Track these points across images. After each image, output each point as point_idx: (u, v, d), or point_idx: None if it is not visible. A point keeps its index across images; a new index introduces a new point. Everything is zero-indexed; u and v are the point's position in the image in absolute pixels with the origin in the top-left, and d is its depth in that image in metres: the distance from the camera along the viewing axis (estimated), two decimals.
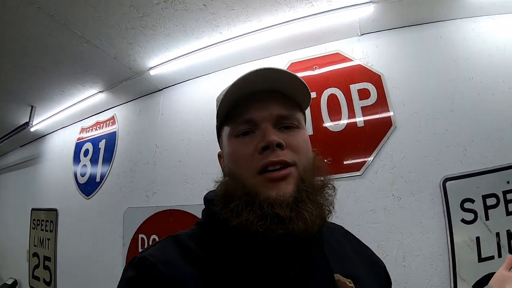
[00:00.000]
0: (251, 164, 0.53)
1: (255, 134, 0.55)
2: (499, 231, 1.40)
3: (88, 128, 2.79)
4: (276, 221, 0.47)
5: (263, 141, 0.52)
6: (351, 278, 0.52)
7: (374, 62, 1.80)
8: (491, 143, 1.53)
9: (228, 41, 1.81)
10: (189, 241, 0.54)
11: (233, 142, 0.57)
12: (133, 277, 0.48)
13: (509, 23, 1.70)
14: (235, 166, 0.56)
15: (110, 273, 2.21)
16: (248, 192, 0.51)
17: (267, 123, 0.54)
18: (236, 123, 0.57)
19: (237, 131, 0.56)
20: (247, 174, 0.53)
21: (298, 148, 0.55)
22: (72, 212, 2.65)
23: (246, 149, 0.54)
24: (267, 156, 0.51)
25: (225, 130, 0.60)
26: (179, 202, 2.04)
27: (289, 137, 0.54)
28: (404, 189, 1.59)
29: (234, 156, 0.57)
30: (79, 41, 1.81)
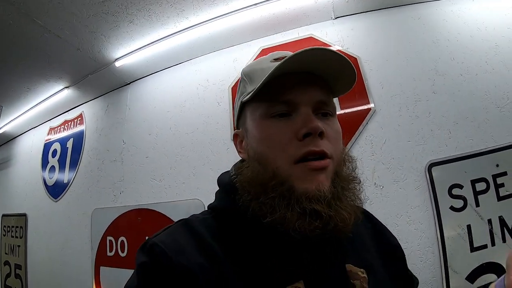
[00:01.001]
0: (289, 151, 0.48)
1: (292, 117, 0.50)
2: (491, 218, 1.31)
3: (57, 127, 2.68)
4: (315, 219, 0.45)
5: (306, 127, 0.47)
6: (365, 268, 0.51)
7: (349, 45, 1.72)
8: (477, 124, 1.46)
9: (195, 27, 1.71)
10: (202, 228, 0.51)
11: (266, 124, 0.51)
12: (145, 262, 0.46)
13: (489, 4, 1.66)
14: (267, 150, 0.50)
15: (80, 278, 2.06)
16: (281, 182, 0.47)
17: (307, 107, 0.50)
18: (273, 102, 0.51)
19: (272, 111, 0.51)
20: (281, 162, 0.48)
21: (334, 139, 0.51)
22: (41, 217, 2.51)
23: (283, 133, 0.49)
24: (307, 144, 0.47)
25: (255, 108, 0.54)
26: (147, 201, 1.91)
27: (327, 126, 0.50)
28: (387, 177, 1.48)
29: (267, 140, 0.51)
30: (40, 31, 1.70)
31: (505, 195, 1.32)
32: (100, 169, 2.20)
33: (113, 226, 1.99)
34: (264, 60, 0.58)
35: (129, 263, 1.85)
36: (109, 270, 1.92)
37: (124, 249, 1.90)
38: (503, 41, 1.56)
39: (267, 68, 0.51)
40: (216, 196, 0.59)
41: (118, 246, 1.93)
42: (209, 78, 1.96)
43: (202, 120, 1.90)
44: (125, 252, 1.89)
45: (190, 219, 0.54)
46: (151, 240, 0.48)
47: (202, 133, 1.88)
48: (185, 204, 1.79)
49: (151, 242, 0.48)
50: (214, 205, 0.58)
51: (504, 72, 1.51)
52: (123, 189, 2.04)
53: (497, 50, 1.55)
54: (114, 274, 1.89)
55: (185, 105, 1.99)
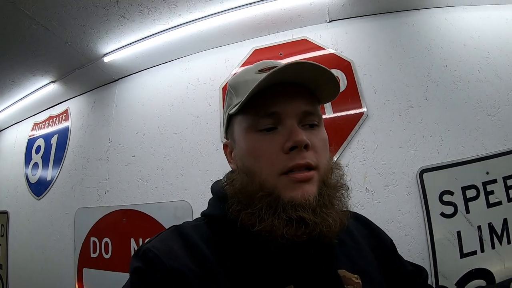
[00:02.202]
0: (275, 164, 0.49)
1: (278, 130, 0.51)
2: (481, 225, 1.32)
3: (41, 123, 2.59)
4: (301, 226, 0.46)
5: (291, 141, 0.48)
6: (360, 274, 0.51)
7: (343, 49, 1.71)
8: (468, 132, 1.47)
9: (187, 24, 1.68)
10: (194, 234, 0.52)
11: (253, 137, 0.53)
12: (139, 267, 0.47)
13: (482, 14, 1.69)
14: (254, 163, 0.51)
15: (62, 280, 1.99)
16: (268, 193, 0.48)
17: (292, 120, 0.51)
18: (259, 115, 0.52)
19: (259, 125, 0.52)
20: (268, 174, 0.49)
21: (320, 149, 0.52)
22: (23, 215, 2.42)
23: (270, 147, 0.50)
24: (293, 157, 0.48)
25: (241, 120, 0.55)
26: (133, 201, 1.85)
27: (312, 137, 0.51)
28: (378, 182, 1.47)
29: (254, 153, 0.52)
30: (28, 22, 1.63)
31: (495, 202, 1.33)
32: (85, 167, 2.12)
33: (97, 226, 1.92)
34: (249, 71, 0.58)
35: (113, 265, 1.79)
36: (92, 272, 1.85)
37: (108, 250, 1.83)
38: (495, 51, 1.58)
39: (251, 81, 0.52)
40: (208, 204, 0.61)
41: (102, 247, 1.86)
42: (199, 77, 1.92)
43: (191, 120, 1.86)
44: (109, 254, 1.82)
45: (182, 225, 0.55)
46: (145, 246, 0.49)
47: (191, 133, 1.83)
48: (172, 205, 1.74)
49: (144, 248, 0.49)
50: (207, 213, 0.59)
51: (495, 81, 1.52)
52: (108, 189, 1.97)
53: (489, 59, 1.57)
54: (98, 276, 1.82)
55: (174, 104, 1.94)
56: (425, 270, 0.68)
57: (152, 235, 0.55)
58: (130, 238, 1.77)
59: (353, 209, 0.75)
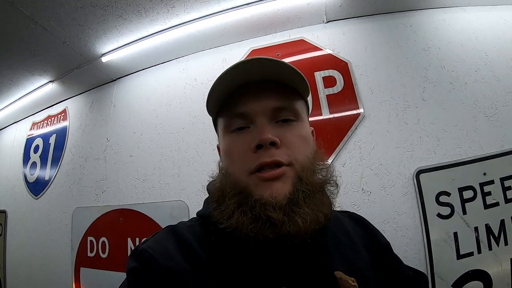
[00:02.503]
0: (245, 163, 0.50)
1: (250, 129, 0.51)
2: (478, 226, 1.31)
3: (40, 122, 2.59)
4: (268, 225, 0.45)
5: (256, 139, 0.49)
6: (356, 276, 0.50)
7: (340, 49, 1.71)
8: (466, 133, 1.46)
9: (185, 24, 1.68)
10: (188, 234, 0.53)
11: (227, 138, 0.54)
12: (135, 267, 0.47)
13: (480, 15, 1.68)
14: (229, 163, 0.53)
15: (60, 279, 1.98)
16: (240, 192, 0.49)
17: (262, 117, 0.51)
18: (229, 116, 0.54)
19: (231, 126, 0.53)
20: (240, 173, 0.50)
21: (295, 145, 0.51)
22: (21, 214, 2.41)
23: (240, 146, 0.51)
24: (260, 155, 0.48)
25: (220, 123, 0.58)
26: (130, 201, 1.85)
27: (285, 133, 0.51)
28: (375, 182, 1.47)
29: (228, 153, 0.54)
30: (26, 22, 1.63)
31: (492, 203, 1.33)
32: (83, 167, 2.12)
33: (94, 226, 1.92)
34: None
35: (110, 264, 1.79)
36: (89, 271, 1.85)
37: (105, 250, 1.83)
38: (493, 51, 1.58)
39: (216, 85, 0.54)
40: (203, 204, 0.61)
41: (99, 246, 1.86)
42: (197, 77, 1.92)
43: (188, 120, 1.86)
44: (106, 253, 1.82)
45: (177, 225, 0.56)
46: (140, 246, 0.50)
47: (188, 133, 1.83)
48: (169, 205, 1.74)
49: (140, 248, 0.50)
50: (201, 213, 0.59)
51: (493, 82, 1.52)
52: (105, 188, 1.97)
53: (487, 60, 1.57)
54: (95, 275, 1.82)
55: (171, 104, 1.94)
56: (425, 275, 0.67)
57: (149, 234, 0.56)
58: (127, 238, 1.77)
59: (349, 210, 0.75)
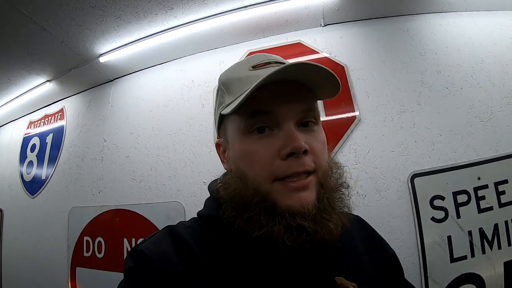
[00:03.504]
0: (271, 170, 0.46)
1: (275, 133, 0.48)
2: (471, 230, 1.33)
3: (37, 121, 2.59)
4: (302, 233, 0.44)
5: (289, 147, 0.45)
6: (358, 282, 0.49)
7: (337, 53, 1.72)
8: (460, 137, 1.47)
9: (183, 26, 1.68)
10: (186, 235, 0.51)
11: (247, 140, 0.49)
12: (132, 268, 0.47)
13: (477, 20, 1.69)
14: (248, 167, 0.49)
15: (55, 278, 1.97)
16: (263, 198, 0.46)
17: (290, 122, 0.47)
18: (253, 116, 0.48)
19: (253, 127, 0.49)
20: (262, 180, 0.47)
21: (319, 152, 0.49)
22: (17, 213, 2.41)
23: (266, 151, 0.47)
24: (291, 165, 0.45)
25: (235, 121, 0.51)
26: (126, 201, 1.85)
27: (311, 139, 0.48)
28: (369, 186, 1.48)
29: (248, 157, 0.49)
30: (25, 22, 1.63)
31: (486, 208, 1.34)
32: (79, 166, 2.12)
33: (90, 226, 1.93)
34: (241, 67, 0.55)
35: (106, 264, 1.79)
36: (85, 271, 1.85)
37: (101, 250, 1.83)
38: (489, 57, 1.59)
39: (245, 78, 0.50)
40: (204, 204, 0.59)
41: (95, 246, 1.86)
42: (194, 79, 1.93)
43: (185, 121, 1.86)
44: (102, 253, 1.82)
45: (176, 226, 0.55)
46: (138, 247, 0.49)
47: (185, 134, 1.83)
48: (165, 206, 1.74)
49: (137, 249, 0.49)
50: (202, 213, 0.57)
51: (489, 87, 1.53)
52: (102, 188, 1.97)
53: (483, 66, 1.57)
54: (91, 275, 1.82)
55: (168, 105, 1.94)
56: None
57: (145, 235, 0.55)
58: (123, 238, 1.77)
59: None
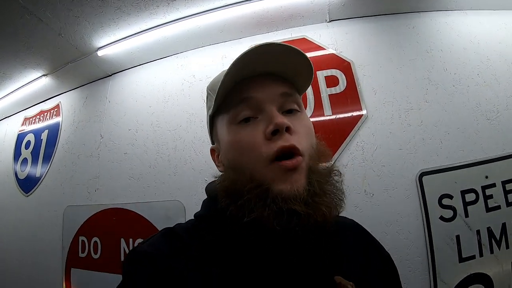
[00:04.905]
0: (261, 151, 0.48)
1: (258, 119, 0.50)
2: (480, 229, 1.31)
3: (32, 118, 2.52)
4: (293, 217, 0.44)
5: (272, 124, 0.47)
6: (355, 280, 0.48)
7: (343, 49, 1.69)
8: (468, 136, 1.46)
9: (185, 19, 1.64)
10: (184, 237, 0.52)
11: (234, 130, 0.52)
12: (130, 270, 0.47)
13: (482, 19, 1.69)
14: (240, 156, 0.50)
15: (49, 279, 1.91)
16: (258, 185, 0.46)
17: (271, 106, 0.50)
18: (236, 106, 0.51)
19: (238, 117, 0.51)
20: (256, 164, 0.48)
21: (303, 135, 0.51)
22: (10, 211, 2.33)
23: (253, 135, 0.49)
24: (277, 140, 0.47)
25: (222, 119, 0.55)
26: (124, 200, 1.79)
27: (294, 122, 0.50)
28: (377, 184, 1.45)
29: (238, 145, 0.51)
30: (21, 12, 1.57)
31: (494, 207, 1.33)
32: (75, 164, 2.05)
33: (86, 225, 1.86)
34: (222, 73, 0.57)
35: (102, 265, 1.73)
36: (80, 272, 1.79)
37: (97, 250, 1.77)
38: (494, 55, 1.58)
39: None
40: (202, 205, 0.60)
41: (91, 247, 1.80)
42: (195, 74, 1.88)
43: (186, 117, 1.81)
44: (98, 254, 1.76)
45: (174, 227, 0.55)
46: (135, 249, 0.50)
47: (185, 131, 1.79)
48: (164, 205, 1.69)
49: (135, 250, 0.49)
50: (199, 214, 0.58)
51: (495, 85, 1.52)
52: (98, 187, 1.91)
53: (489, 64, 1.57)
54: (86, 276, 1.76)
55: (168, 101, 1.90)
56: None
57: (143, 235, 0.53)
58: (120, 238, 1.71)
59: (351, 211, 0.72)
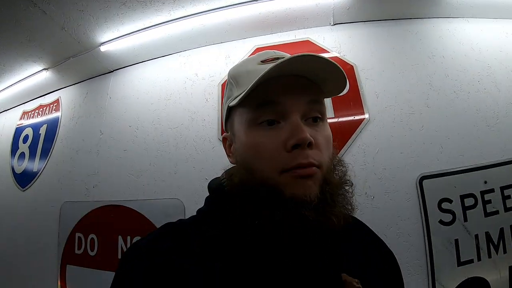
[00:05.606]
0: (277, 161, 0.47)
1: (281, 125, 0.48)
2: (478, 233, 1.33)
3: (31, 112, 2.50)
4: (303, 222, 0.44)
5: (294, 138, 0.46)
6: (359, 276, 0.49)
7: (346, 52, 1.70)
8: (468, 141, 1.47)
9: (190, 17, 1.64)
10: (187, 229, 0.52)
11: (254, 131, 0.50)
12: (124, 264, 0.47)
13: (484, 26, 1.72)
14: (255, 159, 0.49)
15: (44, 275, 1.89)
16: (270, 190, 0.46)
17: (296, 115, 0.48)
18: (260, 108, 0.49)
19: (260, 119, 0.49)
20: (269, 171, 0.47)
21: (323, 148, 0.50)
22: (6, 206, 2.30)
23: (272, 143, 0.48)
24: (296, 156, 0.46)
25: (242, 113, 0.52)
26: (122, 197, 1.77)
27: (316, 134, 0.49)
28: (378, 187, 1.46)
29: (255, 149, 0.49)
30: (25, 4, 1.55)
31: (492, 212, 1.34)
32: (74, 159, 2.03)
33: (83, 222, 1.84)
34: (250, 62, 0.57)
35: (99, 263, 1.71)
36: (76, 269, 1.77)
37: (94, 247, 1.75)
38: (495, 63, 1.61)
39: (253, 71, 0.51)
40: (205, 201, 0.59)
41: (87, 244, 1.78)
42: (198, 73, 1.88)
43: (188, 115, 1.81)
44: (95, 251, 1.74)
45: (176, 222, 0.54)
46: (135, 243, 0.49)
47: (187, 129, 1.78)
48: (164, 203, 1.68)
49: (134, 244, 0.49)
50: (203, 209, 0.58)
51: (495, 92, 1.54)
52: (96, 183, 1.89)
53: (489, 71, 1.59)
54: (82, 273, 1.74)
55: (170, 98, 1.89)
56: None
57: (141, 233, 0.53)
58: (118, 236, 1.69)
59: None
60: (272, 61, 0.52)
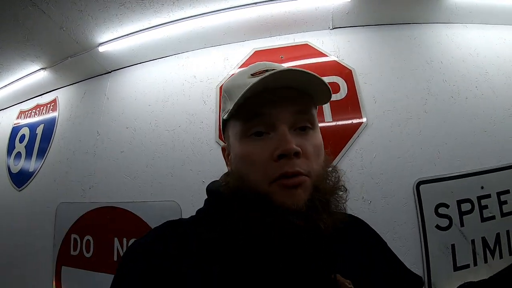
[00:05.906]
0: (265, 172, 0.49)
1: (270, 136, 0.50)
2: (474, 238, 1.33)
3: (27, 111, 2.49)
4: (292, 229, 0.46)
5: (280, 149, 0.48)
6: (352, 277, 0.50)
7: (345, 56, 1.71)
8: (465, 146, 1.48)
9: (189, 19, 1.64)
10: (186, 229, 0.53)
11: (244, 143, 0.52)
12: (121, 267, 0.47)
13: (481, 33, 1.73)
14: (246, 170, 0.51)
15: (39, 276, 1.87)
16: (261, 197, 0.48)
17: (284, 125, 0.50)
18: (249, 121, 0.52)
19: (249, 130, 0.52)
20: (260, 180, 0.49)
21: (312, 156, 0.51)
22: (2, 206, 2.28)
23: (260, 154, 0.50)
24: (282, 165, 0.48)
25: (234, 126, 0.55)
26: (119, 199, 1.76)
27: (305, 143, 0.51)
28: (375, 191, 1.46)
29: (245, 160, 0.52)
30: (24, 3, 1.55)
31: (488, 217, 1.34)
32: (70, 160, 2.02)
33: (79, 223, 1.83)
34: (241, 75, 0.59)
35: (94, 265, 1.69)
36: (71, 271, 1.75)
37: (89, 249, 1.74)
38: (492, 69, 1.61)
39: (243, 85, 0.52)
40: (204, 203, 0.60)
41: (83, 245, 1.77)
42: (196, 75, 1.88)
43: (185, 118, 1.80)
44: (90, 253, 1.73)
45: (177, 220, 0.56)
46: (135, 241, 0.50)
47: (184, 131, 1.78)
48: (160, 205, 1.67)
49: (131, 246, 0.50)
50: (202, 210, 0.59)
51: (492, 98, 1.55)
52: (93, 184, 1.88)
53: (487, 77, 1.59)
54: (77, 275, 1.72)
55: (168, 100, 1.88)
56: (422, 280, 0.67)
57: (137, 235, 0.53)
58: (114, 238, 1.68)
59: None
60: (261, 73, 0.54)
